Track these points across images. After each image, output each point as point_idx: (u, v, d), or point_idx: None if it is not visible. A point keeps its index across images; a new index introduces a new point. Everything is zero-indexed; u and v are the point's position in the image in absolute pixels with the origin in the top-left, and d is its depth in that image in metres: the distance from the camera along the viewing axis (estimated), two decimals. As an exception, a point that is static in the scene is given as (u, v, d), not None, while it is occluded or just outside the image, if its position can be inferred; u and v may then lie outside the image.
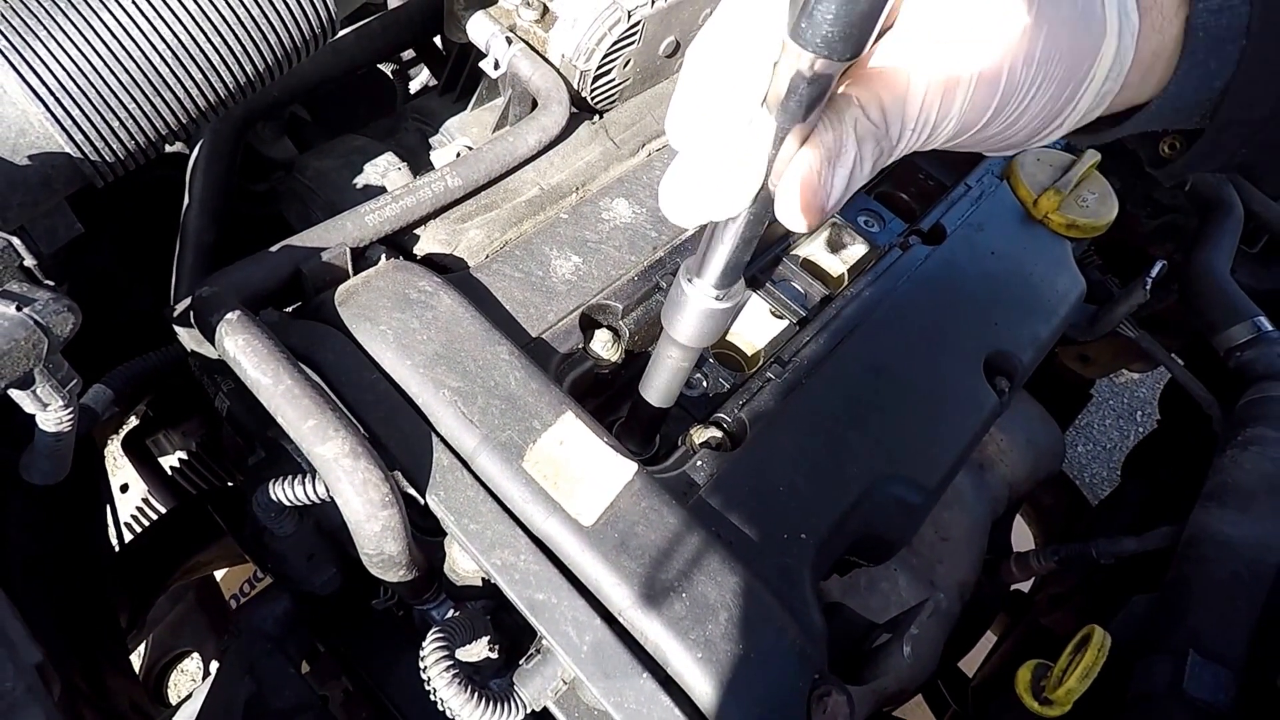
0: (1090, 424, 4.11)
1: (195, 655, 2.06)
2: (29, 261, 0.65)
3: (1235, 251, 1.57)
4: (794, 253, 1.22)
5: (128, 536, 1.71)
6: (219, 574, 2.23)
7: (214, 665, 1.97)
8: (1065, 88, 0.53)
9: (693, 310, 0.67)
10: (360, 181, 1.11)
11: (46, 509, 1.20)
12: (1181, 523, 1.32)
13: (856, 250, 1.26)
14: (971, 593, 1.38)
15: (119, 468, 2.23)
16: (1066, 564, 1.45)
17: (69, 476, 0.83)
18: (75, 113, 0.75)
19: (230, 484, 1.89)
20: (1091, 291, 1.50)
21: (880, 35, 0.47)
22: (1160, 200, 1.72)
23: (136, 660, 1.86)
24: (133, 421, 1.88)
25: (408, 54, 1.62)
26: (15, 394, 0.65)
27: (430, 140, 1.22)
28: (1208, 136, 0.62)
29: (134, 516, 2.34)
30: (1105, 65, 0.53)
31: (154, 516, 2.34)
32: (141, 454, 1.88)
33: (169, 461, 1.94)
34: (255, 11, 0.80)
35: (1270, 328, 1.42)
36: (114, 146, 0.78)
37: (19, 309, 0.61)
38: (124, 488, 2.33)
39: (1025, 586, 1.89)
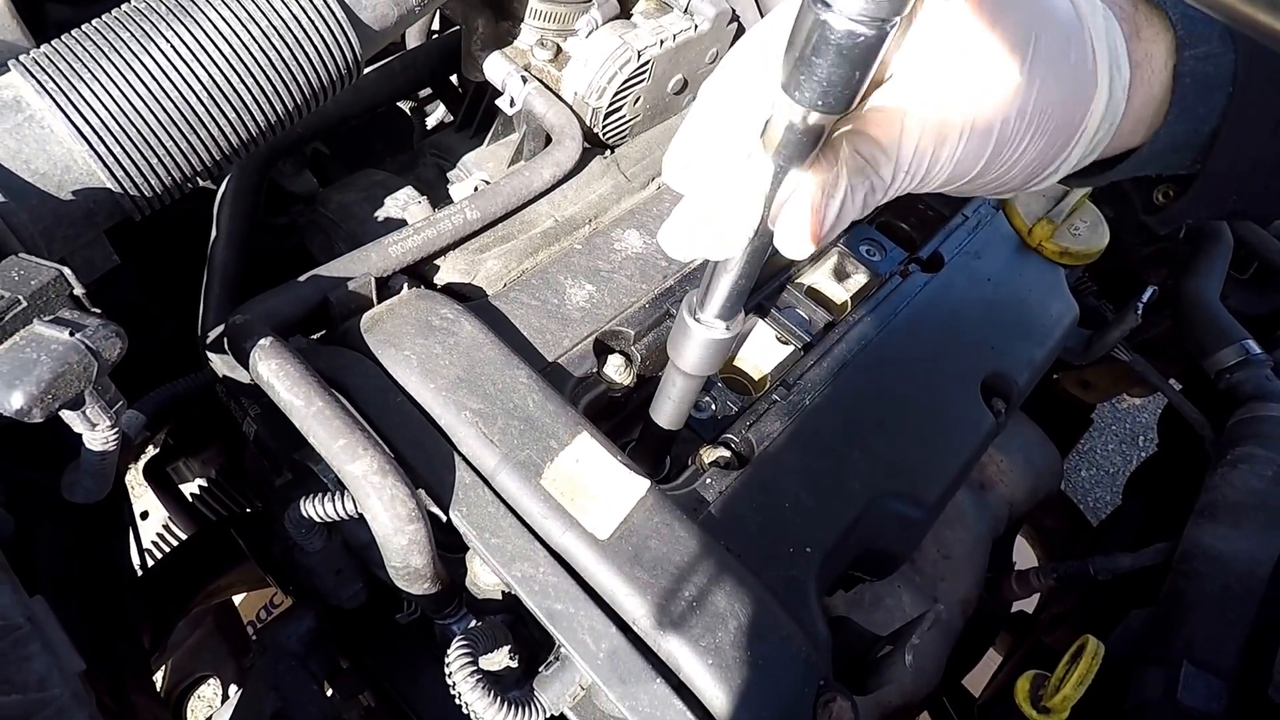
0: (1093, 449, 4.14)
1: (213, 680, 2.08)
2: (78, 290, 0.69)
3: (1225, 277, 1.61)
4: (799, 281, 1.27)
5: (149, 562, 1.75)
6: (236, 599, 2.26)
7: (233, 689, 1.99)
8: (1058, 139, 0.55)
9: (696, 341, 0.71)
10: (381, 214, 1.15)
11: (73, 531, 1.24)
12: (1176, 539, 1.35)
13: (859, 278, 1.30)
14: (973, 609, 1.41)
15: (139, 495, 2.26)
16: (1065, 581, 1.49)
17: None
18: (117, 151, 0.80)
19: (249, 510, 1.92)
20: (1087, 317, 1.54)
21: (870, 90, 0.51)
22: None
23: (156, 684, 1.88)
24: (151, 450, 1.91)
25: (424, 91, 1.67)
26: (66, 414, 0.69)
27: (448, 174, 1.26)
28: (1200, 184, 0.64)
29: (154, 543, 2.37)
30: (1097, 118, 0.56)
31: (174, 543, 2.37)
32: (162, 481, 1.92)
33: (189, 489, 1.98)
34: (287, 56, 0.85)
35: (1258, 350, 1.46)
36: (152, 182, 0.83)
37: (71, 334, 0.65)
38: (144, 515, 2.36)
39: (1030, 607, 1.92)
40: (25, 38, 0.90)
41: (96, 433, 0.73)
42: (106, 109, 0.79)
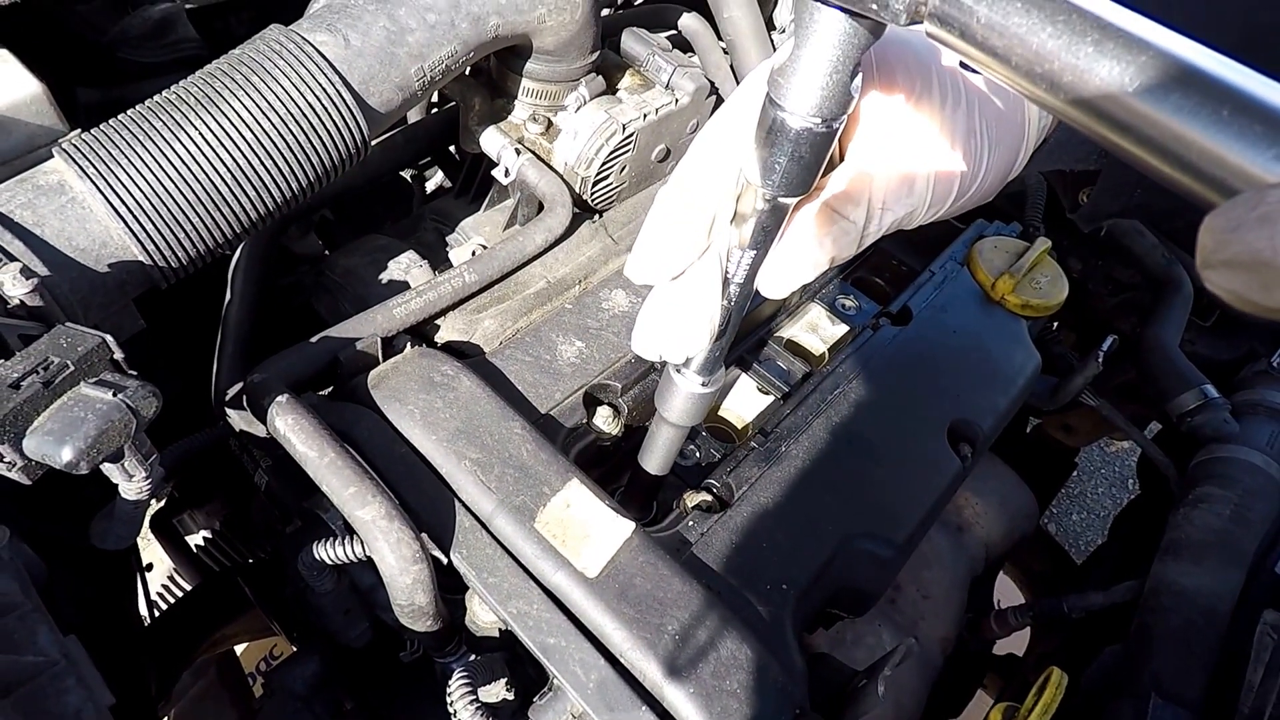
0: (1083, 492, 4.19)
1: (215, 731, 2.11)
2: (118, 355, 0.77)
3: (1186, 325, 1.69)
4: (779, 335, 1.35)
5: (156, 613, 1.80)
6: (238, 649, 2.29)
7: (233, 740, 2.02)
8: (995, 184, 0.66)
9: (680, 395, 0.79)
10: (385, 277, 1.22)
11: (86, 582, 1.29)
12: (1145, 577, 1.41)
13: (835, 331, 1.38)
14: (953, 647, 1.46)
15: (144, 547, 2.31)
16: (1040, 619, 1.54)
17: (106, 550, 0.93)
18: (149, 228, 0.88)
19: (251, 560, 1.97)
20: (1055, 365, 1.62)
21: (829, 171, 0.59)
22: (1119, 279, 1.85)
23: (160, 733, 1.91)
24: (156, 504, 1.97)
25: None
26: (106, 467, 0.76)
27: (447, 239, 1.34)
28: (1104, 175, 0.75)
29: (159, 594, 2.42)
30: (1022, 163, 0.67)
31: (179, 593, 2.41)
32: (168, 533, 1.97)
33: (194, 540, 2.04)
34: (302, 140, 0.93)
35: (1216, 394, 1.53)
36: (179, 255, 0.91)
37: (114, 395, 0.72)
38: (149, 566, 2.41)
39: (1019, 651, 1.96)
40: (61, 121, 0.98)
41: (133, 483, 0.80)
42: (141, 190, 0.87)
